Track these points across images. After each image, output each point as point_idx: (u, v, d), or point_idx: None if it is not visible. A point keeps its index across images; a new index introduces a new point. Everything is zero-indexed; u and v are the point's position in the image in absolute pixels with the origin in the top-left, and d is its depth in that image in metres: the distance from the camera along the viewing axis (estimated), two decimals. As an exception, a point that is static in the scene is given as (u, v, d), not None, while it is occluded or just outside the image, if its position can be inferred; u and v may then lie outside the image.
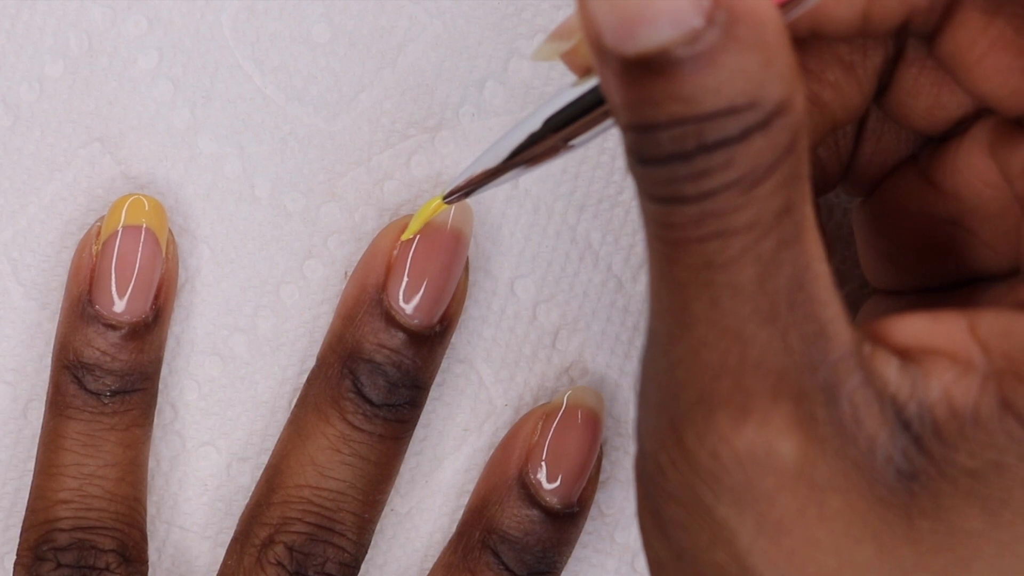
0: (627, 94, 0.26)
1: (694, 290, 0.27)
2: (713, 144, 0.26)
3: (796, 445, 0.28)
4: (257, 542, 0.39)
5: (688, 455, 0.28)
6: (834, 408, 0.28)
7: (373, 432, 0.39)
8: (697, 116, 0.26)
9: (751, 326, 0.27)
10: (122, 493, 0.39)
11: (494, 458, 0.41)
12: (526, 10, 0.41)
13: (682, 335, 0.28)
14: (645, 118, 0.26)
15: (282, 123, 0.41)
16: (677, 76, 0.26)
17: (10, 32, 0.40)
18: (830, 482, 0.28)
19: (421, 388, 0.40)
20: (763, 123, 0.26)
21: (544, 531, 0.40)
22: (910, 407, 0.28)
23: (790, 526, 0.28)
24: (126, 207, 0.39)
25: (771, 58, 0.26)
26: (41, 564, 0.39)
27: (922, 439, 0.28)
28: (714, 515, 0.28)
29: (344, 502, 0.39)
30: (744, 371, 0.27)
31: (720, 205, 0.26)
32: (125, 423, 0.39)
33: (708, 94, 0.26)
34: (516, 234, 0.41)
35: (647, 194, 0.27)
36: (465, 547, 0.40)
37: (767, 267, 0.27)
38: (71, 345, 0.39)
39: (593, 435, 0.40)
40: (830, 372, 0.28)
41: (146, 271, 0.39)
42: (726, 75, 0.26)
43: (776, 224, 0.27)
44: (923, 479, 0.28)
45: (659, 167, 0.27)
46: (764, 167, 0.26)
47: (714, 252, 0.27)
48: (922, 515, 0.28)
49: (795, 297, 0.27)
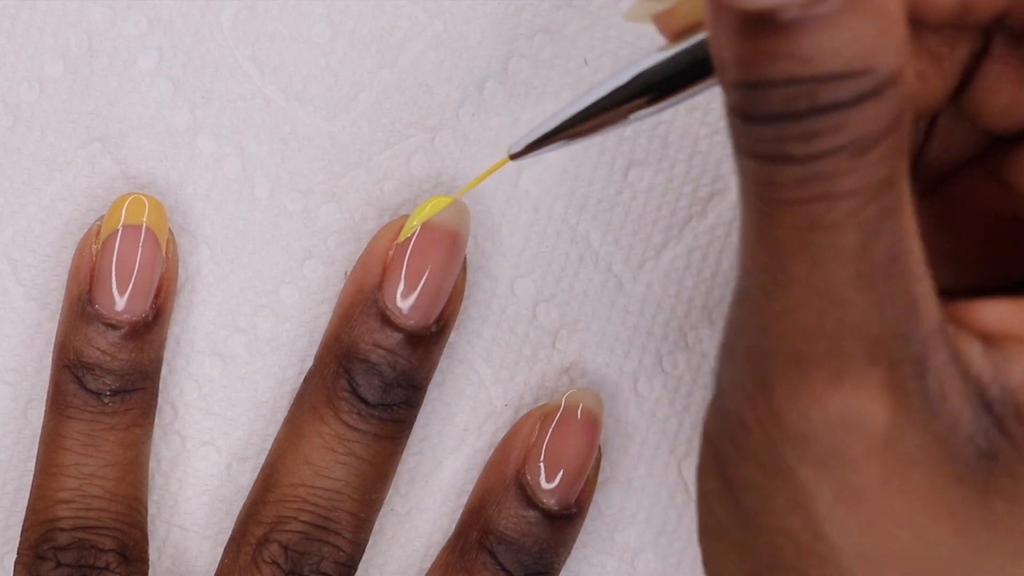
0: (742, 49, 0.26)
1: (794, 250, 0.27)
2: (826, 106, 0.26)
3: (887, 413, 0.28)
4: (253, 541, 0.39)
5: (777, 414, 0.28)
6: (923, 381, 0.28)
7: (368, 432, 0.39)
8: (812, 76, 0.26)
9: (850, 291, 0.27)
10: (122, 493, 0.39)
11: (492, 459, 0.41)
12: (526, 10, 0.41)
13: (779, 294, 0.28)
14: (758, 75, 0.26)
15: (282, 123, 0.41)
16: (796, 34, 0.26)
17: (10, 32, 0.40)
18: (915, 454, 0.28)
19: (417, 388, 0.40)
20: (876, 91, 0.26)
21: (541, 532, 0.40)
22: (992, 389, 0.28)
23: (871, 495, 0.28)
24: (126, 206, 0.39)
25: (889, 28, 0.26)
26: (41, 563, 0.39)
27: (1004, 422, 0.28)
28: (795, 478, 0.28)
29: (339, 501, 0.39)
30: (841, 334, 0.27)
31: (827, 168, 0.26)
32: (125, 423, 0.39)
33: (826, 56, 0.26)
34: (516, 234, 0.41)
35: (750, 152, 0.27)
36: (463, 547, 0.40)
37: (869, 234, 0.27)
38: (71, 344, 0.39)
39: (591, 436, 0.40)
40: (921, 345, 0.28)
41: (146, 270, 0.39)
42: (845, 39, 0.26)
43: (880, 193, 0.27)
44: (1003, 461, 0.28)
45: (767, 125, 0.27)
46: (874, 135, 0.26)
47: (818, 214, 0.27)
48: (1000, 496, 0.28)
49: (892, 268, 0.27)
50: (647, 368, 0.42)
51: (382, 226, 0.41)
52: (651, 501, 0.42)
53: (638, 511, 0.42)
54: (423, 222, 0.39)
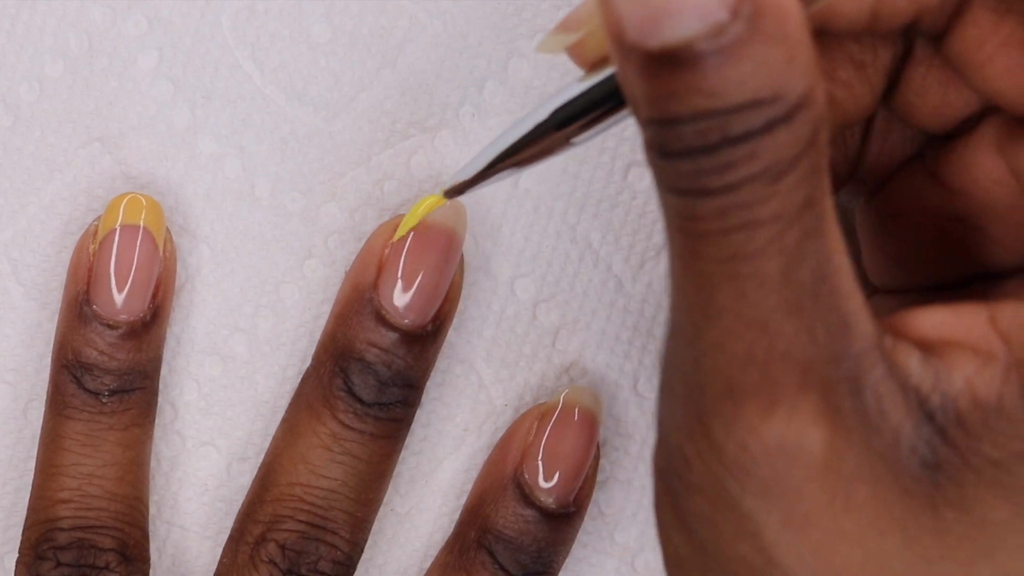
0: (650, 88, 0.26)
1: (719, 282, 0.27)
2: (737, 137, 0.26)
3: (824, 436, 0.28)
4: (250, 540, 0.39)
5: (715, 447, 0.28)
6: (859, 399, 0.28)
7: (364, 431, 0.39)
8: (721, 109, 0.26)
9: (777, 317, 0.27)
10: (122, 492, 0.39)
11: (491, 458, 0.41)
12: (526, 10, 0.41)
13: (708, 327, 0.28)
14: (668, 112, 0.26)
15: (282, 123, 0.41)
16: (701, 70, 0.26)
17: (10, 32, 0.40)
18: (857, 473, 0.28)
19: (413, 387, 0.40)
20: (787, 116, 0.26)
21: (540, 531, 0.40)
22: (933, 398, 0.28)
23: (817, 518, 0.28)
24: (123, 206, 0.39)
25: (794, 51, 0.26)
26: (41, 563, 0.39)
27: (946, 430, 0.28)
28: (740, 508, 0.28)
29: (336, 500, 0.39)
30: (771, 362, 0.27)
31: (745, 197, 0.26)
32: (124, 422, 0.39)
33: (732, 87, 0.26)
34: (516, 234, 0.41)
35: (669, 187, 0.27)
36: (461, 547, 0.40)
37: (792, 258, 0.27)
38: (69, 344, 0.39)
39: (589, 435, 0.40)
40: (854, 364, 0.28)
41: (143, 270, 0.39)
42: (750, 68, 0.26)
43: (800, 216, 0.27)
44: (948, 470, 0.28)
45: (682, 160, 0.27)
46: (788, 159, 0.26)
47: (739, 244, 0.27)
48: (947, 505, 0.28)
49: (819, 289, 0.27)
50: (647, 368, 0.42)
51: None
52: (651, 501, 0.42)
53: (638, 511, 0.42)
54: (419, 221, 0.39)
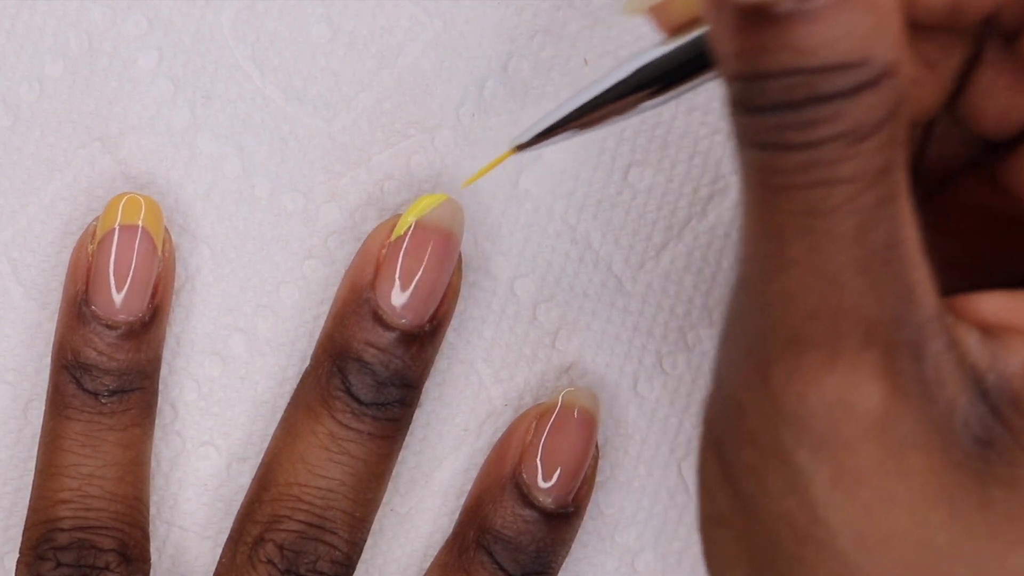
0: (741, 42, 0.27)
1: (793, 235, 0.28)
2: (823, 96, 0.27)
3: (883, 395, 0.28)
4: (249, 540, 0.39)
5: (773, 396, 0.28)
6: (919, 366, 0.28)
7: (363, 431, 0.39)
8: (810, 68, 0.27)
9: (848, 274, 0.28)
10: (122, 493, 0.39)
11: (489, 458, 0.41)
12: (526, 10, 0.41)
13: (777, 277, 0.28)
14: (757, 67, 0.27)
15: (282, 123, 0.41)
16: (793, 27, 0.26)
17: (10, 32, 0.40)
18: (911, 438, 0.28)
19: (412, 387, 0.39)
20: (872, 82, 0.27)
21: (539, 531, 0.40)
22: (989, 377, 0.28)
23: (868, 478, 0.28)
24: (121, 206, 0.39)
25: (884, 20, 0.27)
26: (42, 563, 0.39)
27: (1000, 409, 0.28)
28: (792, 460, 0.28)
29: (334, 500, 0.39)
30: (838, 316, 0.28)
31: (827, 155, 0.27)
32: (124, 423, 0.39)
33: (822, 47, 0.26)
34: (516, 234, 0.41)
35: (750, 141, 0.28)
36: (460, 547, 0.40)
37: (867, 220, 0.27)
38: (69, 345, 0.39)
39: (588, 435, 0.40)
40: (917, 331, 0.28)
41: (142, 270, 0.39)
42: (842, 31, 0.26)
43: (877, 180, 0.27)
44: (999, 448, 0.28)
45: (766, 115, 0.27)
46: (871, 123, 0.27)
47: (817, 199, 0.27)
48: (996, 483, 0.28)
49: (889, 254, 0.28)
50: (647, 368, 0.42)
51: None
52: (651, 501, 0.42)
53: (638, 511, 0.42)
54: (416, 221, 0.39)
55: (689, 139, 0.41)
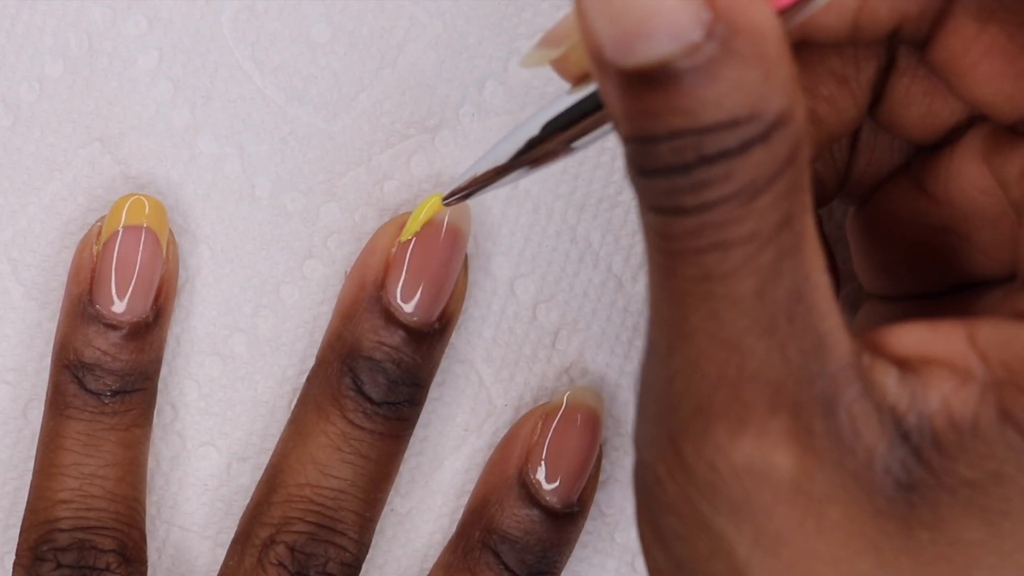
0: (627, 106, 0.26)
1: (693, 301, 0.27)
2: (713, 156, 0.26)
3: (793, 458, 0.28)
4: (258, 542, 0.39)
5: (686, 467, 0.28)
6: (832, 420, 0.27)
7: (374, 430, 0.39)
8: (697, 128, 0.26)
9: (749, 338, 0.27)
10: (122, 493, 0.39)
11: (494, 458, 0.41)
12: (526, 10, 0.41)
13: (680, 346, 0.28)
14: (645, 130, 0.26)
15: (282, 123, 0.41)
16: (676, 89, 0.26)
17: (10, 32, 0.40)
18: (828, 494, 0.28)
19: (420, 386, 0.40)
20: (763, 135, 0.26)
21: (544, 531, 0.40)
22: (909, 418, 0.28)
23: (788, 538, 0.28)
24: (127, 207, 0.39)
25: (771, 70, 0.26)
26: (41, 564, 0.39)
27: (921, 450, 0.28)
28: (712, 527, 0.28)
29: (345, 501, 0.39)
30: (741, 383, 0.27)
31: (719, 217, 0.26)
32: (125, 423, 0.39)
33: (708, 107, 0.26)
34: (516, 234, 0.41)
35: (647, 204, 0.27)
36: (465, 547, 0.40)
37: (766, 279, 0.27)
38: (71, 345, 0.39)
39: (593, 435, 0.40)
40: (829, 383, 0.27)
41: (146, 271, 0.39)
42: (726, 88, 0.25)
43: (776, 236, 0.27)
44: (922, 490, 0.28)
45: (658, 178, 0.26)
46: (764, 179, 0.26)
47: (713, 264, 0.27)
48: (921, 526, 0.28)
49: (794, 309, 0.27)
50: (647, 368, 0.42)
51: (382, 224, 0.41)
52: (651, 501, 0.42)
53: (638, 511, 0.42)
54: (427, 220, 0.39)
55: (689, 139, 0.41)
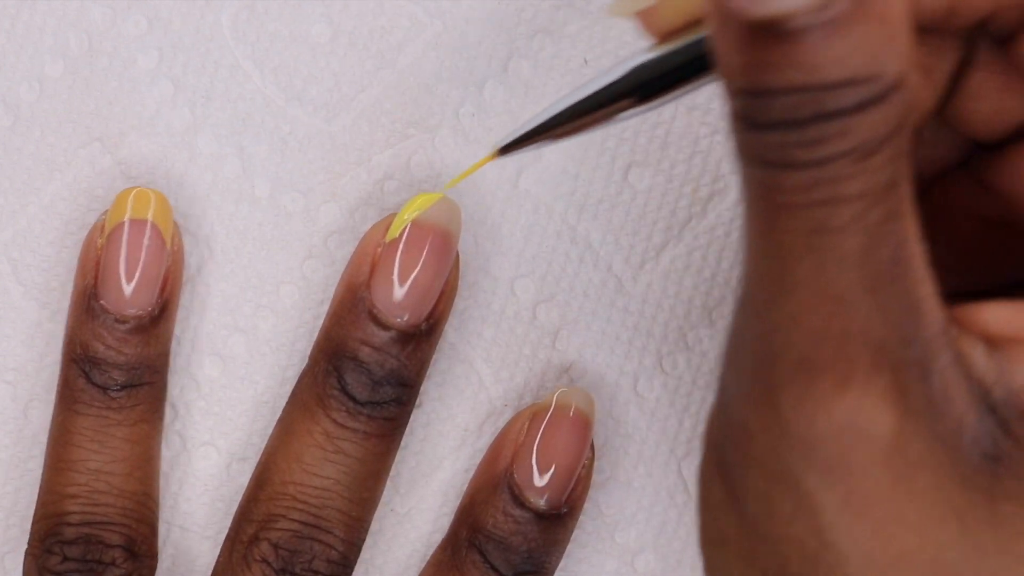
0: (747, 57, 0.26)
1: (799, 255, 0.27)
2: (831, 113, 0.26)
3: (893, 418, 0.28)
4: (244, 539, 0.39)
5: (782, 421, 0.28)
6: (927, 384, 0.28)
7: (358, 430, 0.39)
8: (818, 85, 0.26)
9: (855, 294, 0.27)
10: (130, 488, 0.39)
11: (484, 458, 0.41)
12: (526, 10, 0.41)
13: (783, 300, 0.27)
14: (763, 83, 0.26)
15: (282, 123, 0.41)
16: (802, 44, 0.26)
17: (10, 32, 0.40)
18: (920, 459, 0.28)
19: (407, 386, 0.39)
20: (880, 97, 0.26)
21: (531, 531, 0.40)
22: (996, 391, 0.28)
23: (878, 501, 0.28)
24: (131, 200, 0.39)
25: (895, 33, 0.26)
26: (48, 557, 0.39)
27: (1008, 424, 0.28)
28: (801, 485, 0.28)
29: (330, 499, 0.39)
30: (847, 339, 0.27)
31: (833, 172, 0.26)
32: (132, 418, 0.39)
33: (831, 64, 0.26)
34: (516, 234, 0.41)
35: (754, 158, 0.27)
36: (454, 546, 0.40)
37: (873, 237, 0.27)
38: (78, 339, 0.39)
39: (582, 436, 0.40)
40: (924, 348, 0.28)
41: (151, 264, 0.39)
42: (851, 47, 0.26)
43: (884, 196, 0.27)
44: (1008, 463, 0.28)
45: (772, 132, 0.26)
46: (877, 140, 0.26)
47: (823, 218, 0.27)
48: (1006, 499, 0.28)
49: (895, 271, 0.27)
50: (647, 368, 0.42)
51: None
52: (651, 501, 0.42)
53: (638, 511, 0.42)
54: (414, 221, 0.39)
55: (689, 139, 0.41)
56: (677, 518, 0.42)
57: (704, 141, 0.41)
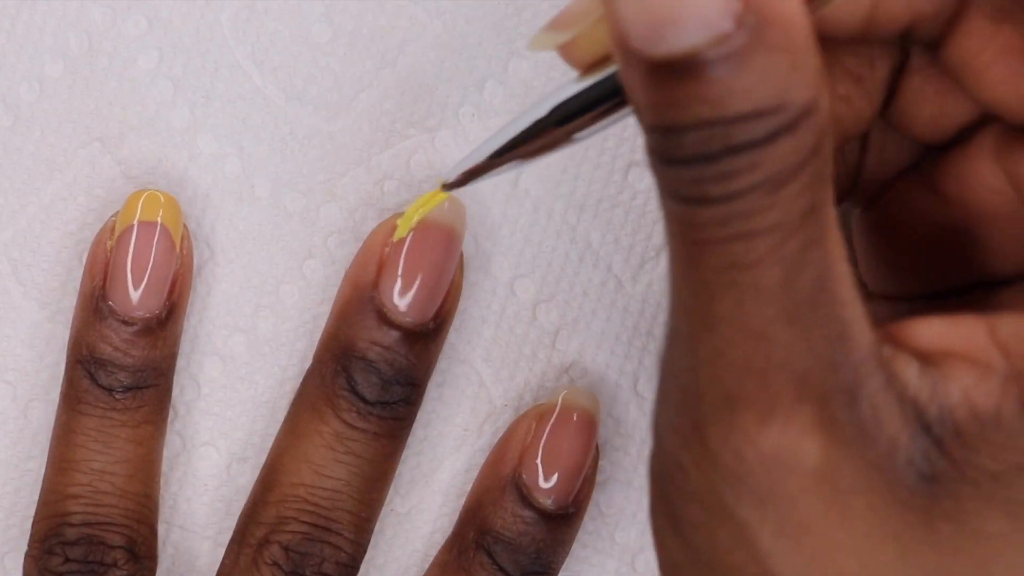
0: (653, 96, 0.26)
1: (718, 290, 0.27)
2: (740, 146, 0.26)
3: (819, 447, 0.28)
4: (253, 542, 0.39)
5: (711, 455, 0.28)
6: (856, 410, 0.28)
7: (368, 430, 0.39)
8: (724, 119, 0.26)
9: (775, 327, 0.27)
10: (133, 490, 0.39)
11: (489, 459, 0.41)
12: (526, 10, 0.41)
13: (706, 335, 0.28)
14: (671, 120, 0.26)
15: (282, 123, 0.41)
16: (704, 79, 0.26)
17: (10, 32, 0.40)
18: (852, 485, 0.28)
19: (416, 386, 0.40)
20: (790, 125, 0.26)
21: (538, 532, 0.40)
22: (931, 410, 0.28)
23: (812, 528, 0.28)
24: (141, 202, 0.39)
25: (799, 61, 0.26)
26: (50, 558, 0.39)
27: (943, 442, 0.28)
28: (735, 516, 0.28)
29: (340, 501, 0.39)
30: (769, 371, 0.27)
31: (746, 206, 0.26)
32: (137, 420, 0.39)
33: (736, 97, 0.26)
34: (516, 234, 0.41)
35: (670, 194, 0.27)
36: (460, 547, 0.40)
37: (792, 268, 0.27)
38: (84, 340, 0.39)
39: (588, 436, 0.40)
40: (852, 373, 0.28)
41: (160, 267, 0.39)
42: (754, 78, 0.26)
43: (801, 225, 0.27)
44: (944, 482, 0.28)
45: (684, 167, 0.26)
46: (790, 169, 0.26)
47: (739, 253, 0.27)
48: (943, 518, 0.28)
49: (818, 298, 0.27)
50: (647, 368, 0.42)
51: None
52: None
53: (638, 511, 0.42)
54: (419, 219, 0.39)
55: (689, 139, 0.41)
56: (677, 518, 0.42)
57: (704, 141, 0.41)
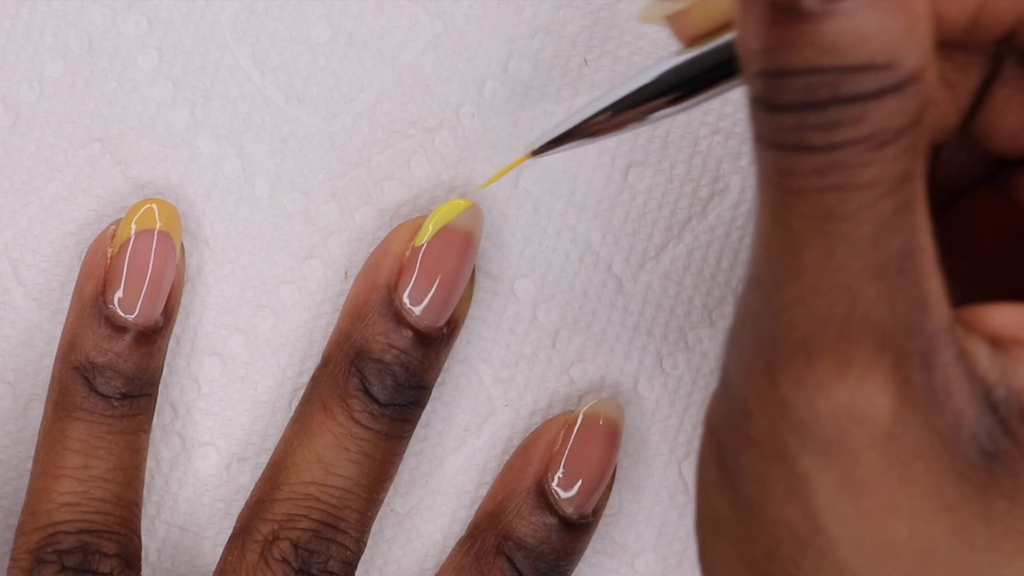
0: (767, 37, 0.27)
1: (808, 239, 0.27)
2: (847, 97, 0.26)
3: (892, 404, 0.28)
4: (260, 538, 0.39)
5: (781, 400, 0.28)
6: (930, 375, 0.28)
7: (378, 430, 0.39)
8: (835, 67, 0.26)
9: (862, 281, 0.27)
10: (126, 498, 0.39)
11: (511, 464, 0.41)
12: (526, 10, 0.41)
13: (791, 282, 0.28)
14: (781, 63, 0.27)
15: (282, 123, 0.41)
16: (822, 24, 0.26)
17: (10, 32, 0.40)
18: (917, 448, 0.28)
19: (425, 388, 0.40)
20: (898, 86, 0.26)
21: (559, 539, 0.40)
22: (998, 390, 0.28)
23: (872, 487, 0.28)
24: (143, 211, 0.39)
25: (914, 23, 0.26)
26: (44, 567, 0.38)
27: (1008, 422, 0.28)
28: (796, 466, 0.28)
29: (350, 500, 0.39)
30: (851, 323, 0.28)
31: (846, 158, 0.27)
32: (132, 427, 0.39)
33: (850, 46, 0.26)
34: (516, 234, 0.41)
35: (769, 141, 0.27)
36: (478, 551, 0.40)
37: (883, 228, 0.27)
38: (80, 346, 0.39)
39: (612, 446, 0.41)
40: (928, 341, 0.28)
41: (159, 276, 0.39)
42: (870, 30, 0.26)
43: (896, 188, 0.27)
44: (1005, 460, 0.28)
45: (787, 114, 0.27)
46: (893, 130, 0.27)
47: (834, 204, 0.27)
48: (1000, 495, 0.28)
49: (904, 263, 0.28)
50: (647, 368, 0.42)
51: (382, 226, 0.41)
52: (651, 501, 0.42)
53: (638, 511, 0.42)
54: (443, 225, 0.39)
55: (689, 139, 0.41)
56: (677, 518, 0.42)
57: (704, 141, 0.41)
